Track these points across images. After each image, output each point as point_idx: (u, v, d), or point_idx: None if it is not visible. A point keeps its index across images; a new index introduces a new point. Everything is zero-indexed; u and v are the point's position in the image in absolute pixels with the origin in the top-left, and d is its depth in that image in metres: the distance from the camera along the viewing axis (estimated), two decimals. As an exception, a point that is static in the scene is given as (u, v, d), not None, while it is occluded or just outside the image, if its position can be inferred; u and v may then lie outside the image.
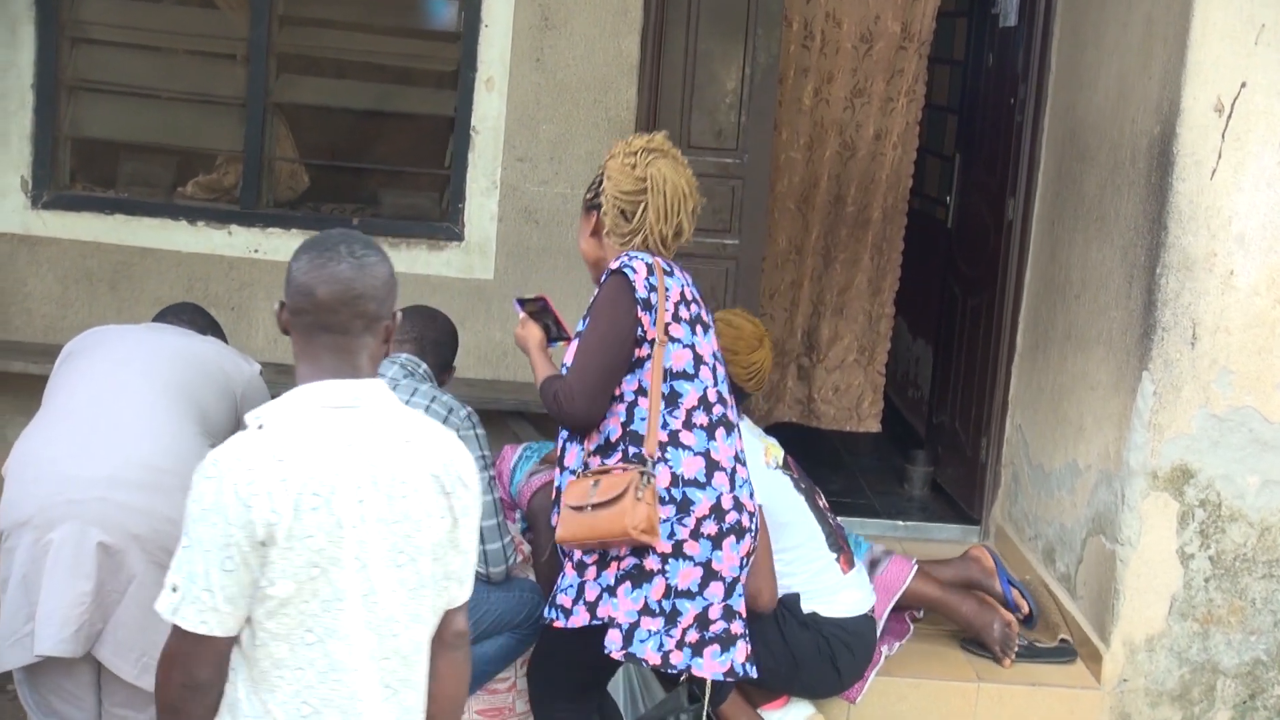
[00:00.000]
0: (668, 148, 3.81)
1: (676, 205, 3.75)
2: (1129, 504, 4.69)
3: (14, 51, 5.68)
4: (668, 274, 3.69)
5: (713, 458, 3.66)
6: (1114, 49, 5.05)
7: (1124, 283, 4.81)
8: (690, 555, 3.61)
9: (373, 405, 2.59)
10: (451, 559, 2.65)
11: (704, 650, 3.64)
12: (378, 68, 6.05)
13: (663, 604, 3.62)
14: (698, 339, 3.71)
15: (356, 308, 2.56)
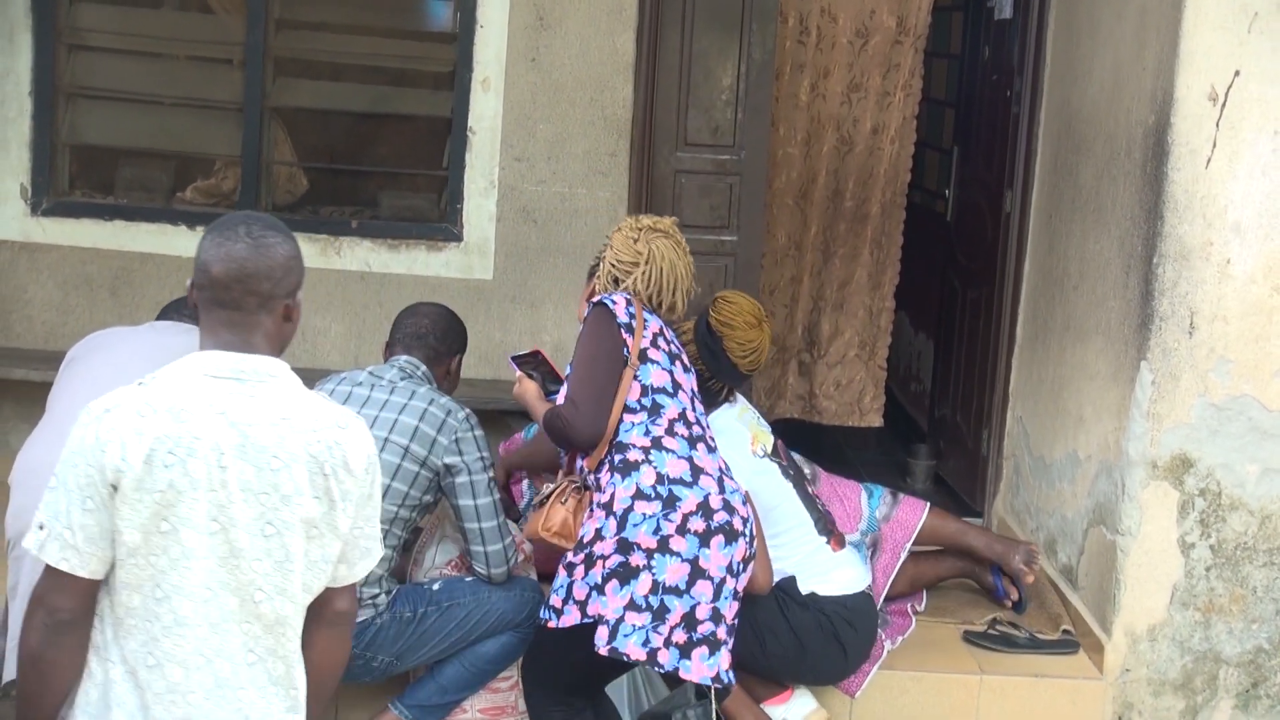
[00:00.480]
0: (673, 231, 4.03)
1: (672, 283, 3.98)
2: (1129, 494, 4.70)
3: (11, 58, 5.70)
4: (645, 310, 3.92)
5: (696, 464, 3.77)
6: (1108, 40, 5.06)
7: (1121, 273, 4.82)
8: (677, 551, 3.65)
9: (257, 380, 2.65)
10: (329, 541, 2.69)
11: (691, 653, 3.68)
12: (374, 70, 6.07)
13: (649, 600, 3.65)
14: (675, 368, 3.90)
15: (249, 286, 2.66)
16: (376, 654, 4.05)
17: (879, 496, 5.00)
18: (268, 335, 2.69)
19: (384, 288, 5.79)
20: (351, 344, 5.86)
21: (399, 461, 4.01)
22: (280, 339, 2.73)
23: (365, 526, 2.74)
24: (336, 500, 2.66)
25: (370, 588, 4.00)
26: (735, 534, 3.74)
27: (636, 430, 3.78)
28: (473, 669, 4.18)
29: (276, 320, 2.70)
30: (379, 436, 4.02)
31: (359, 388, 4.16)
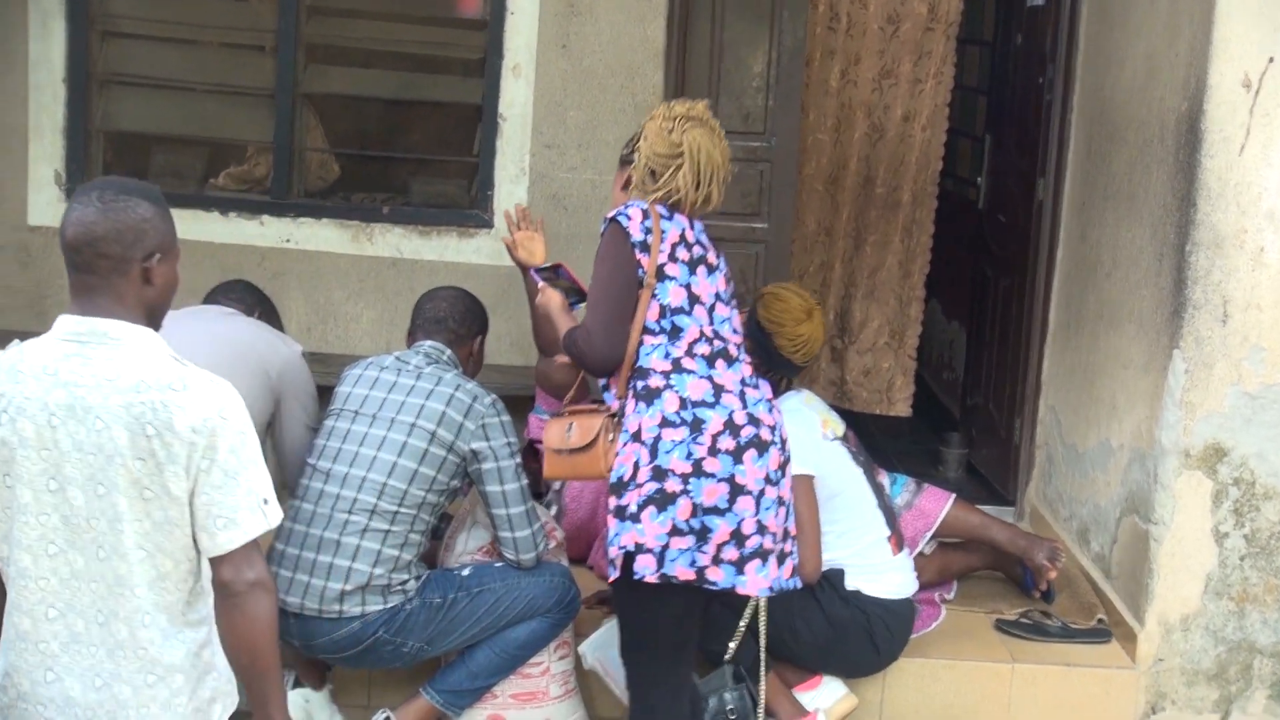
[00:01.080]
0: (707, 117, 3.89)
1: (709, 174, 3.84)
2: (1162, 483, 4.68)
3: (45, 45, 5.74)
4: (665, 218, 3.79)
5: (717, 381, 3.72)
6: (1141, 27, 5.03)
7: (1154, 261, 4.80)
8: (711, 472, 3.64)
9: (96, 341, 2.70)
10: (167, 504, 2.69)
11: (745, 567, 3.67)
12: (405, 56, 6.08)
13: (691, 523, 3.64)
14: (695, 278, 3.78)
15: (98, 249, 2.68)
16: (407, 639, 4.07)
17: (901, 485, 5.00)
18: (122, 298, 2.71)
19: (415, 274, 5.81)
20: (383, 330, 5.88)
21: (426, 446, 4.04)
22: (145, 302, 2.75)
23: (216, 494, 2.70)
24: (164, 462, 2.66)
25: (400, 573, 4.02)
26: (765, 444, 3.73)
27: (656, 354, 3.73)
28: (503, 654, 4.20)
29: (133, 283, 2.72)
30: (405, 421, 4.06)
31: (385, 372, 4.19)
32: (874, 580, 4.42)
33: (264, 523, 2.75)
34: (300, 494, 4.13)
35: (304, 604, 4.01)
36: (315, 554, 4.02)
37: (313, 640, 4.06)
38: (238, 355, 4.00)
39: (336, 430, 4.15)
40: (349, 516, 4.01)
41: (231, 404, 2.72)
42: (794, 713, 4.38)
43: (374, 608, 4.00)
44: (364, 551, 3.99)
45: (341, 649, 4.06)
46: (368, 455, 4.06)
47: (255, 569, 2.75)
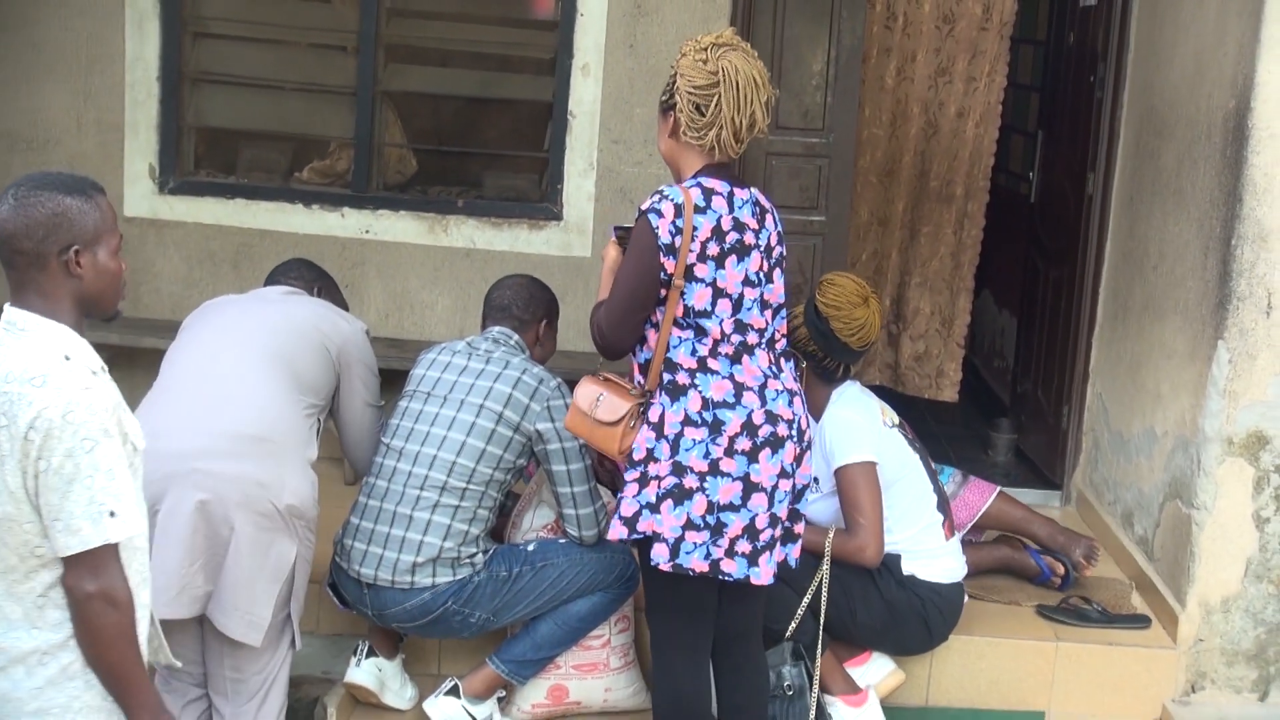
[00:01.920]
0: (737, 42, 3.69)
1: (749, 95, 3.61)
2: (1205, 469, 4.62)
3: (140, 45, 5.80)
4: (700, 210, 3.59)
5: (738, 380, 3.63)
6: (1190, 26, 4.95)
7: (1200, 254, 4.73)
8: (727, 472, 3.60)
9: (8, 331, 2.67)
10: (4, 498, 2.60)
11: (759, 560, 3.64)
12: (480, 56, 6.10)
13: (706, 518, 3.61)
14: (723, 272, 3.60)
15: (13, 245, 2.66)
16: (474, 610, 4.09)
17: (948, 475, 4.97)
18: (43, 291, 2.67)
19: (488, 264, 5.83)
20: (457, 317, 5.91)
21: (493, 426, 4.06)
22: (74, 294, 2.70)
23: (52, 498, 2.58)
24: (5, 455, 2.59)
25: (468, 547, 4.05)
26: (781, 440, 3.66)
27: (684, 349, 3.63)
28: (565, 627, 4.22)
29: (53, 276, 2.67)
30: (474, 402, 4.09)
31: (456, 356, 4.23)
32: (929, 565, 4.39)
33: (105, 535, 2.60)
34: (374, 471, 4.17)
35: (377, 575, 4.05)
36: (389, 528, 4.05)
37: (385, 610, 4.10)
38: (301, 335, 4.01)
39: (410, 411, 4.18)
40: (420, 493, 4.04)
41: (82, 408, 2.58)
42: (847, 689, 4.36)
43: (443, 580, 4.03)
44: (434, 526, 4.02)
45: (412, 618, 4.10)
46: (438, 434, 4.08)
47: (98, 580, 2.62)
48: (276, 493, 3.70)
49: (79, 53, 5.81)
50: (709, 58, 3.60)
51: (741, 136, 3.64)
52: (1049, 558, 4.98)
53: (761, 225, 3.69)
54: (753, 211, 3.68)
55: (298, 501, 3.75)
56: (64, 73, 5.82)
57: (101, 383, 2.66)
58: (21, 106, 5.85)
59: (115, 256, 2.77)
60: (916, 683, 4.63)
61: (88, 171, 5.76)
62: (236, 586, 3.66)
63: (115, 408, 2.67)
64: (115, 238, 2.78)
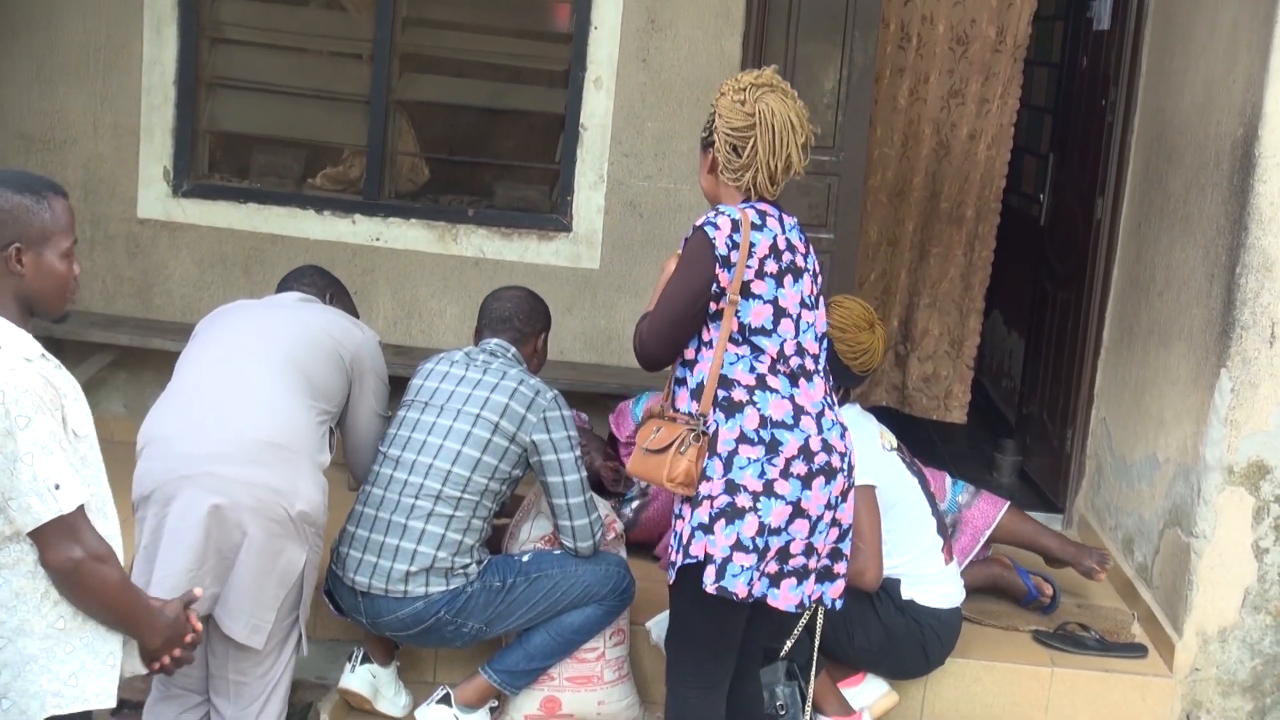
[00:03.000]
0: (776, 82, 3.64)
1: (785, 138, 3.57)
2: (1205, 498, 4.56)
3: (158, 49, 5.80)
4: (757, 227, 3.53)
5: (798, 402, 3.55)
6: (1201, 53, 4.91)
7: (1205, 281, 4.68)
8: (781, 494, 3.51)
9: None
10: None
11: (780, 582, 3.56)
12: (493, 67, 6.09)
13: (756, 540, 3.52)
14: (783, 290, 3.55)
15: None
16: (467, 620, 4.06)
17: (961, 489, 4.94)
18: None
19: (497, 274, 5.80)
20: (466, 325, 5.87)
21: (489, 436, 4.04)
22: (14, 291, 2.72)
23: (1, 478, 2.62)
24: None
25: (462, 557, 4.02)
26: (834, 471, 3.59)
27: (741, 365, 3.55)
28: (558, 638, 4.18)
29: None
30: (470, 412, 4.06)
31: (455, 366, 4.21)
32: (929, 590, 4.35)
33: (55, 507, 2.63)
34: (370, 480, 4.14)
35: (371, 583, 4.02)
36: (383, 536, 4.03)
37: (378, 618, 4.07)
38: (313, 342, 3.98)
39: (407, 420, 4.16)
40: (415, 501, 4.02)
41: (12, 388, 2.61)
42: (841, 711, 4.32)
43: (436, 589, 4.01)
44: (428, 535, 4.00)
45: (405, 627, 4.07)
46: (434, 443, 4.06)
47: (80, 543, 2.67)
48: (289, 499, 3.67)
49: (97, 56, 5.81)
50: (747, 99, 3.57)
51: (777, 179, 3.60)
52: (1037, 578, 4.93)
53: (808, 251, 3.68)
54: (800, 236, 3.66)
55: (309, 509, 3.73)
56: (81, 75, 5.82)
57: (34, 369, 2.65)
58: (39, 108, 5.85)
59: (65, 259, 2.77)
60: (911, 705, 4.58)
61: (103, 173, 5.83)
62: (244, 590, 3.64)
63: (53, 393, 2.67)
64: (66, 240, 2.77)
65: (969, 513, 4.86)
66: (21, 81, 5.84)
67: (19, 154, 5.86)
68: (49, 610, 2.69)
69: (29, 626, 2.68)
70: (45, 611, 2.69)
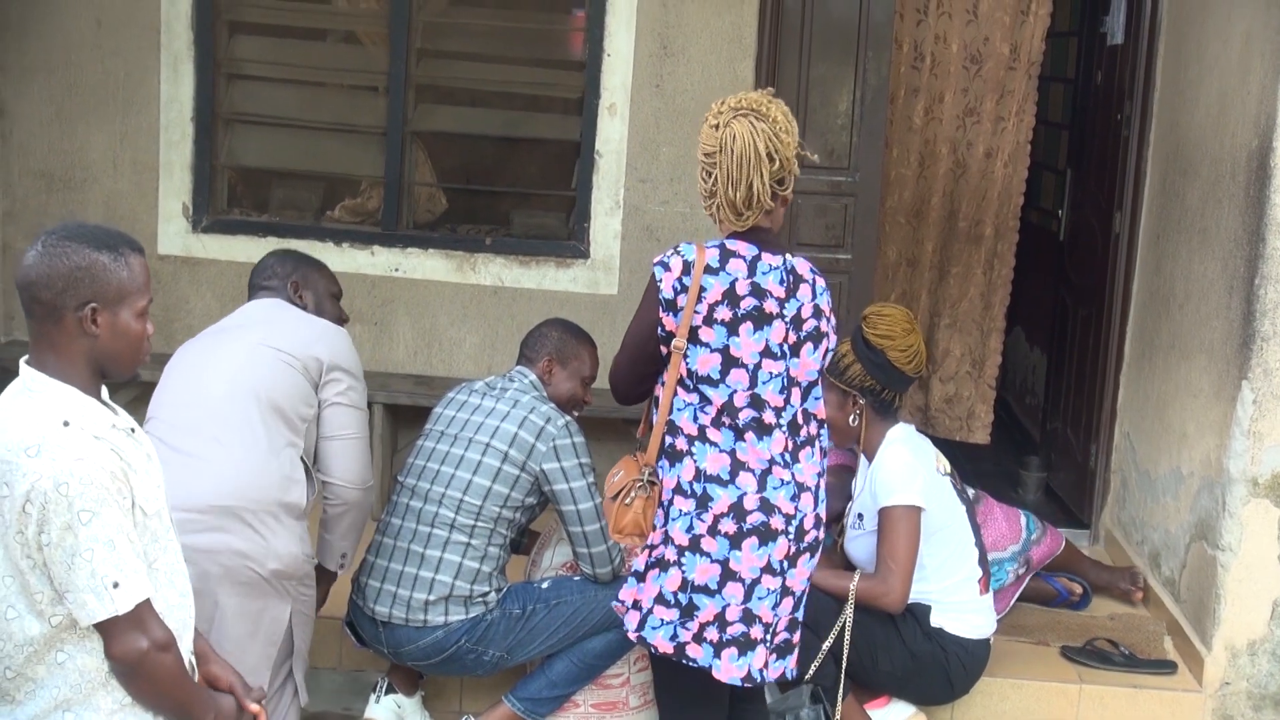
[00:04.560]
0: (759, 106, 3.44)
1: (746, 168, 3.38)
2: (1230, 510, 4.55)
3: (175, 87, 5.85)
4: (712, 270, 3.41)
5: (739, 458, 3.44)
6: (1214, 65, 4.91)
7: (1224, 293, 4.67)
8: (708, 552, 3.44)
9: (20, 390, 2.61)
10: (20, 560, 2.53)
11: (722, 652, 3.49)
12: (508, 96, 6.11)
13: (678, 596, 3.48)
14: (737, 339, 3.42)
15: (32, 294, 2.58)
16: (487, 648, 4.07)
17: (1034, 522, 4.97)
18: (56, 347, 2.59)
19: (515, 302, 5.83)
20: (485, 354, 5.91)
21: (499, 465, 4.06)
22: (87, 353, 2.61)
23: (59, 571, 2.51)
24: (9, 524, 2.51)
25: (480, 585, 4.04)
26: (773, 533, 3.45)
27: (686, 413, 3.47)
28: (580, 664, 4.19)
29: (67, 332, 2.58)
30: (481, 441, 4.09)
31: (474, 395, 4.25)
32: (958, 619, 4.33)
33: (111, 607, 2.52)
34: (389, 510, 4.18)
35: (391, 613, 4.04)
36: (402, 565, 4.06)
37: (400, 648, 4.08)
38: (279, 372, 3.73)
39: (424, 449, 4.19)
40: (431, 530, 4.05)
41: (76, 480, 2.48)
42: None
43: (456, 618, 4.02)
44: (445, 564, 4.02)
45: (426, 656, 4.08)
46: (448, 473, 4.09)
47: (147, 635, 2.58)
48: (260, 560, 3.57)
49: (115, 95, 5.87)
50: (720, 124, 3.45)
51: (740, 210, 3.44)
52: (1064, 579, 4.95)
53: (791, 295, 3.47)
54: (781, 279, 3.46)
55: (284, 565, 3.63)
56: (100, 114, 5.88)
57: (103, 449, 2.55)
58: (59, 147, 5.91)
59: (140, 318, 2.65)
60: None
61: (123, 210, 5.88)
62: (231, 657, 3.37)
63: (119, 473, 2.56)
64: (143, 299, 2.65)
65: (1035, 550, 4.86)
66: (42, 122, 5.90)
67: (40, 193, 5.92)
68: (115, 688, 2.63)
69: (95, 702, 2.62)
70: (111, 688, 2.63)
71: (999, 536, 4.82)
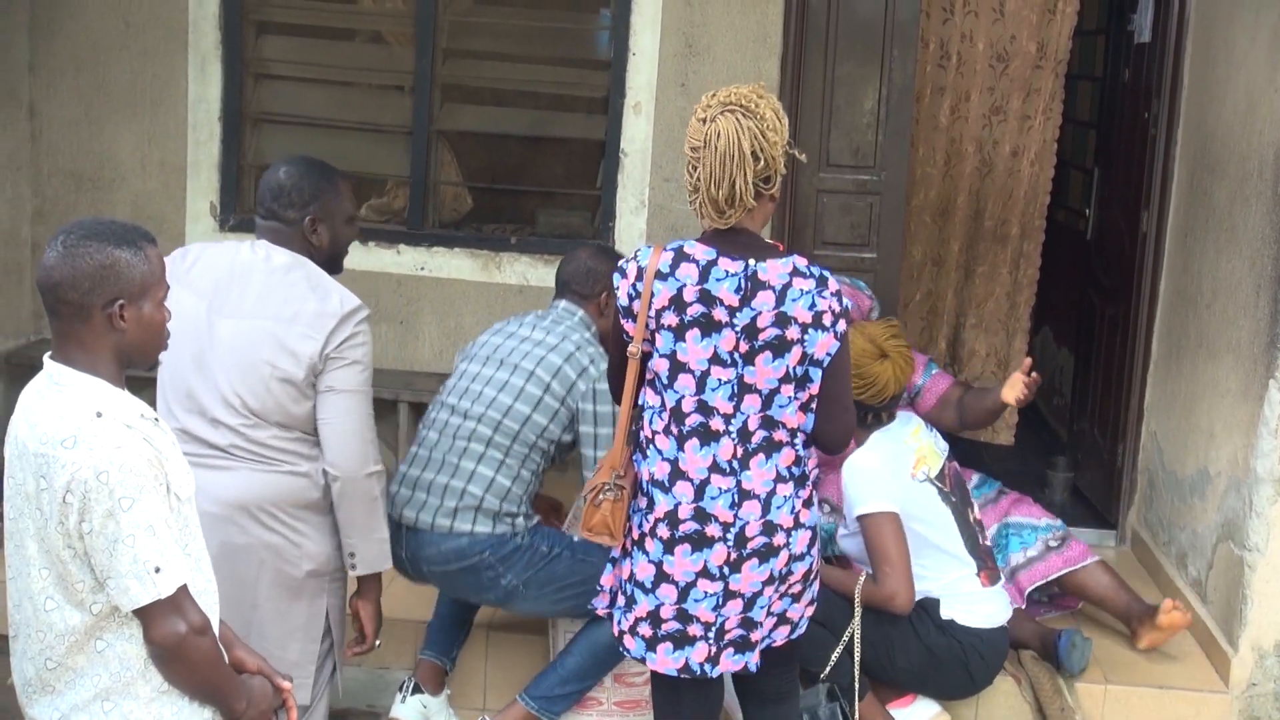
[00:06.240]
0: (748, 102, 3.31)
1: (728, 166, 3.27)
2: (1256, 510, 4.53)
3: (203, 87, 5.89)
4: (662, 276, 3.34)
5: (679, 466, 3.40)
6: (1241, 62, 4.89)
7: (1251, 292, 4.65)
8: (647, 551, 3.47)
9: (49, 386, 2.66)
10: (51, 558, 2.60)
11: (657, 646, 3.49)
12: (533, 95, 6.13)
13: (625, 586, 3.54)
14: (683, 344, 3.34)
15: (58, 294, 2.62)
16: (507, 572, 4.10)
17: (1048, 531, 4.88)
18: (84, 344, 2.64)
19: (541, 300, 5.78)
20: (510, 353, 5.92)
21: (541, 395, 4.11)
22: (115, 347, 2.66)
23: (101, 558, 2.57)
24: (49, 517, 2.58)
25: (510, 504, 4.09)
26: (708, 540, 3.41)
27: (648, 415, 3.45)
28: (590, 658, 4.19)
29: (95, 329, 2.64)
30: (525, 368, 4.13)
31: (523, 327, 4.30)
32: (969, 610, 4.31)
33: (154, 591, 2.58)
34: (426, 424, 4.23)
35: (418, 518, 4.09)
36: (434, 475, 4.11)
37: (420, 552, 4.11)
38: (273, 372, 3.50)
39: (467, 372, 4.25)
40: (467, 444, 4.09)
41: (116, 468, 2.54)
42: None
43: (482, 530, 4.05)
44: (478, 476, 4.06)
45: (445, 561, 4.09)
46: (490, 394, 4.14)
47: (185, 618, 2.64)
48: (295, 561, 3.58)
49: (143, 95, 5.91)
50: (707, 118, 3.33)
51: (722, 209, 3.33)
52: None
53: (746, 304, 3.33)
54: (736, 286, 3.32)
55: (318, 565, 3.63)
56: (129, 114, 5.93)
57: (136, 437, 2.60)
58: (88, 148, 5.96)
59: (161, 308, 2.72)
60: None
61: (151, 210, 5.92)
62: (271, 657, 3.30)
63: (155, 459, 2.61)
64: (162, 289, 2.72)
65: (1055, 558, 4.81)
66: (71, 122, 5.95)
67: (70, 193, 5.97)
68: (153, 675, 2.69)
69: (134, 690, 2.68)
70: (150, 676, 2.69)
71: (1030, 509, 4.86)
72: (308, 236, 3.64)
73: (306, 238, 3.64)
